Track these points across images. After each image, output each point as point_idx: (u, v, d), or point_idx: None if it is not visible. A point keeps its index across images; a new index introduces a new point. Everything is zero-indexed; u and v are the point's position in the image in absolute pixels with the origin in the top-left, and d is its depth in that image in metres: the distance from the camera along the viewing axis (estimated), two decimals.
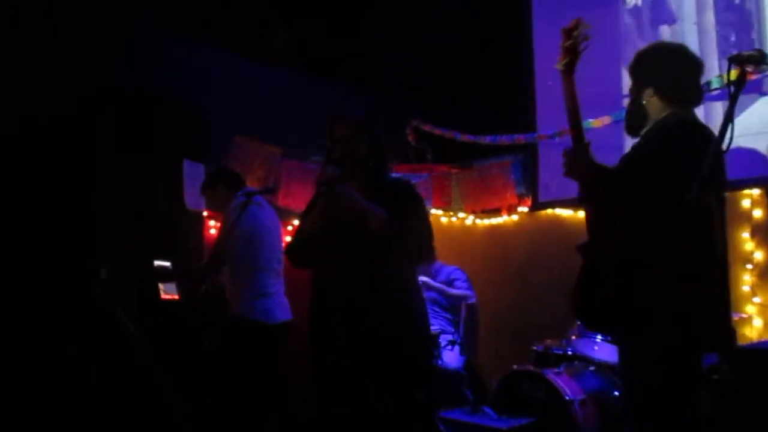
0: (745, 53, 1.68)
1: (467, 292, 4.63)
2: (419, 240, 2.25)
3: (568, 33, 2.01)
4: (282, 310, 3.43)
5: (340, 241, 2.24)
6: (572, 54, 2.00)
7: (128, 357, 3.24)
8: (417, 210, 2.29)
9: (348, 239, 2.22)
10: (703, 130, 1.96)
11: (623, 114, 4.19)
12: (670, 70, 2.05)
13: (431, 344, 2.52)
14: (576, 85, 2.06)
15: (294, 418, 3.91)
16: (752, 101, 3.95)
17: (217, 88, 4.60)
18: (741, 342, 3.65)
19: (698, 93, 2.09)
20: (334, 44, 5.47)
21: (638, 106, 2.09)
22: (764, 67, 1.78)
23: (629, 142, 4.53)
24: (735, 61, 1.66)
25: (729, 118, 1.58)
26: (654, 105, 2.05)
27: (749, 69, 1.70)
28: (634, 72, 2.15)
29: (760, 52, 1.72)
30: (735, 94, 1.63)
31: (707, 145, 1.65)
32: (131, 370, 3.27)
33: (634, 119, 2.13)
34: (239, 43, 4.85)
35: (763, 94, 3.95)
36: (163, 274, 3.50)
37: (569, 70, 2.02)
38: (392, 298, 2.22)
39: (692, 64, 2.09)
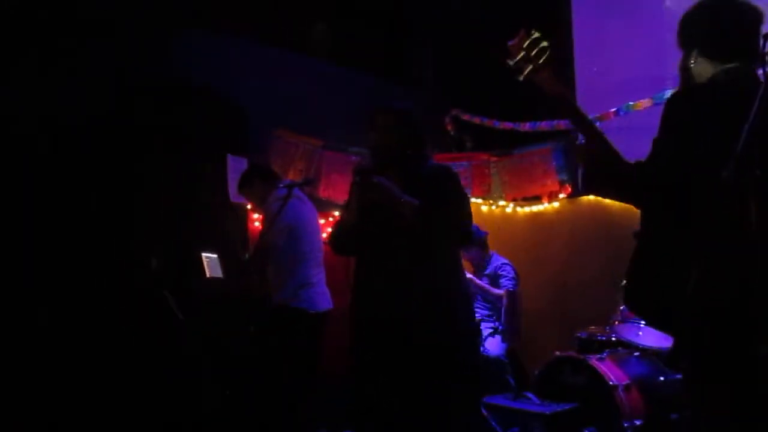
0: None
1: (509, 289, 4.58)
2: (454, 226, 2.25)
3: (516, 49, 1.89)
4: (324, 299, 3.51)
5: (375, 229, 2.27)
6: (532, 64, 1.88)
7: (175, 342, 3.37)
8: (452, 196, 2.28)
9: (383, 228, 2.25)
10: (726, 94, 1.76)
11: (665, 96, 4.15)
12: (714, 25, 1.86)
13: (473, 334, 2.46)
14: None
15: (330, 404, 4.00)
16: None
17: (257, 81, 4.70)
18: None
19: (751, 46, 1.81)
20: (373, 36, 5.52)
21: (686, 71, 1.92)
22: None
23: None
24: None
25: (766, 96, 1.54)
26: (700, 67, 1.87)
27: None
28: (680, 37, 1.96)
29: None
30: None
31: (733, 111, 1.54)
32: (178, 355, 3.39)
33: (683, 87, 1.95)
34: (278, 36, 4.94)
35: None
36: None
37: (540, 77, 1.89)
38: (428, 289, 2.21)
39: (740, 14, 1.85)
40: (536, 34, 1.90)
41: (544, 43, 1.90)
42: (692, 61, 1.89)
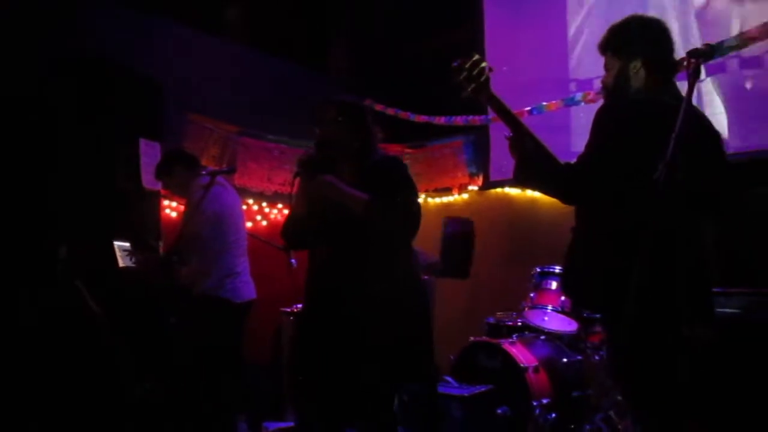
0: (700, 48, 1.85)
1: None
2: (402, 219, 2.24)
3: (459, 69, 2.05)
4: (248, 288, 3.47)
5: (325, 225, 2.26)
6: (474, 83, 2.03)
7: (92, 334, 3.22)
8: (400, 188, 2.28)
9: (332, 224, 2.25)
10: (657, 105, 1.95)
11: (575, 99, 4.44)
12: (657, 40, 2.07)
13: (429, 327, 2.37)
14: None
15: (255, 392, 3.99)
16: None
17: (172, 62, 4.53)
18: None
19: (673, 62, 2.08)
20: (290, 23, 5.47)
21: (625, 79, 2.08)
22: (712, 59, 1.95)
23: (574, 123, 4.76)
24: (691, 55, 1.83)
25: (687, 104, 1.74)
26: (640, 77, 2.06)
27: (701, 61, 1.87)
28: (614, 45, 2.12)
29: (710, 46, 1.91)
30: (692, 83, 1.80)
31: (663, 120, 1.74)
32: (94, 348, 3.25)
33: (620, 94, 2.10)
34: (195, 17, 4.78)
35: None
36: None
37: (481, 93, 2.04)
38: (382, 284, 2.21)
39: (669, 34, 2.10)
40: (477, 56, 2.07)
41: (484, 64, 2.06)
42: (634, 71, 2.07)
